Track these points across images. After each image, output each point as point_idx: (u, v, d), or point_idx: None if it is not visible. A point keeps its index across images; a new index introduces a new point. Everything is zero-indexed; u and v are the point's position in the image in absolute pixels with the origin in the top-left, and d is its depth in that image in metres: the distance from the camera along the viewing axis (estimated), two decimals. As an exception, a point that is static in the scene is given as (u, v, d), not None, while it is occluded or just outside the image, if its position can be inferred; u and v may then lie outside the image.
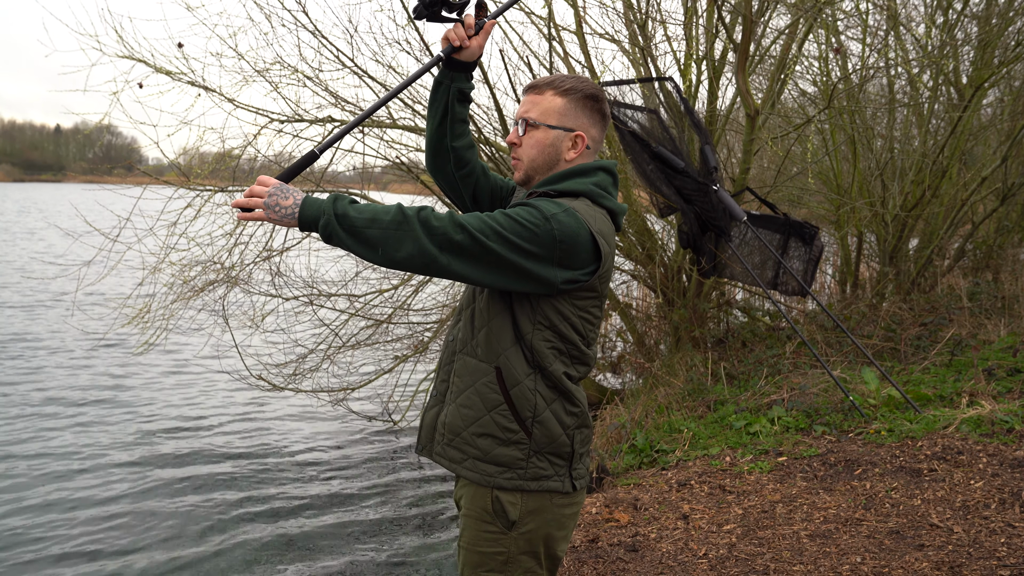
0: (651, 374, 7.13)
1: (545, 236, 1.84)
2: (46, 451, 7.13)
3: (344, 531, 5.83)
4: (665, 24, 7.05)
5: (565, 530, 2.07)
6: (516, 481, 1.98)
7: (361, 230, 1.81)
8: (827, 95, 7.78)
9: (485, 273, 1.85)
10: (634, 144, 5.87)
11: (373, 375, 7.65)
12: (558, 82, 2.08)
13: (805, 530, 3.84)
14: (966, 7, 8.55)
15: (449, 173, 2.28)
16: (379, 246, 1.81)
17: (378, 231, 1.80)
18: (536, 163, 2.08)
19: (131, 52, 6.66)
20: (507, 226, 1.83)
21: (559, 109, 2.06)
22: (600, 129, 2.12)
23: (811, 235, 6.41)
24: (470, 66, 2.20)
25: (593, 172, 2.06)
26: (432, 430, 2.13)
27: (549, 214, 1.86)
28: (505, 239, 1.83)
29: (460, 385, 2.04)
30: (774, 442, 5.09)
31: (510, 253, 1.83)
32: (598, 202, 2.03)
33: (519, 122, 2.10)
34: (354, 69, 6.73)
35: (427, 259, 1.81)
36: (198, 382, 9.61)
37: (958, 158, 8.91)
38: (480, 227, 1.82)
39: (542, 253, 1.85)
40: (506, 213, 1.86)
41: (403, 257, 1.81)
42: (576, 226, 1.87)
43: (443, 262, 1.82)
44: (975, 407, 5.02)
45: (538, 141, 2.07)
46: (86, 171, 21.34)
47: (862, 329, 7.54)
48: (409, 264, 1.83)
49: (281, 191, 1.85)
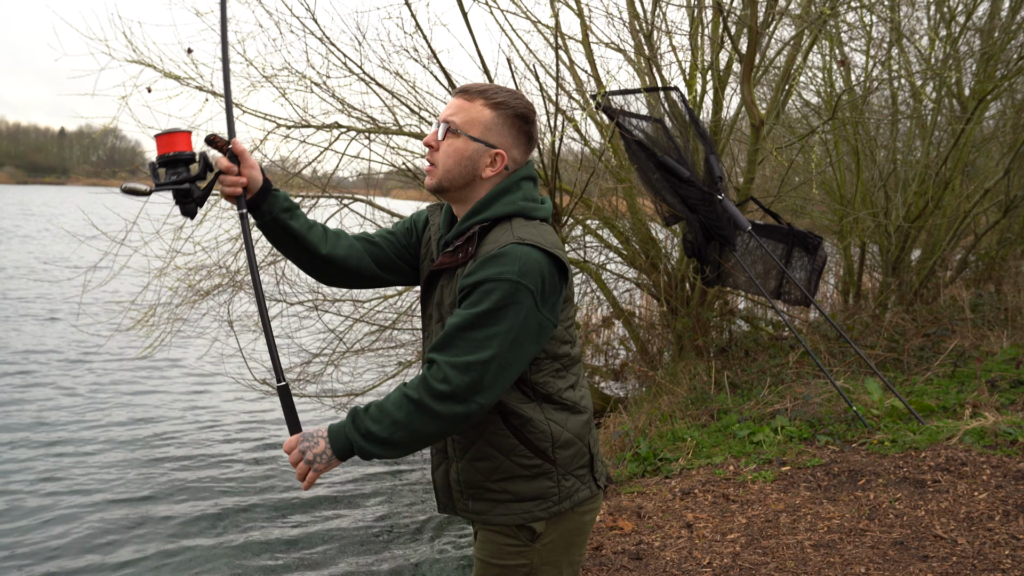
0: (654, 382, 7.14)
1: (524, 300, 1.79)
2: (45, 454, 7.14)
3: (346, 536, 5.84)
4: (671, 34, 7.09)
5: (584, 535, 2.06)
6: (553, 508, 1.96)
7: (389, 439, 1.80)
8: (831, 106, 7.81)
9: (516, 372, 1.83)
10: (640, 153, 5.90)
11: (377, 380, 7.66)
12: (491, 92, 1.96)
13: (809, 540, 3.85)
14: (969, 20, 8.59)
15: (352, 274, 2.15)
16: (411, 442, 1.81)
17: (404, 432, 1.79)
18: (451, 174, 1.96)
19: (140, 56, 6.69)
20: (494, 331, 1.77)
21: (485, 121, 1.95)
22: (523, 151, 2.00)
23: (814, 245, 6.44)
24: (266, 187, 2.05)
25: (517, 187, 1.97)
26: (447, 488, 2.07)
27: (512, 277, 1.78)
28: (503, 340, 1.78)
29: (464, 441, 1.98)
30: (777, 451, 5.10)
31: (517, 345, 1.80)
32: (531, 216, 1.95)
33: (440, 124, 1.97)
34: (362, 76, 6.76)
35: (458, 419, 1.79)
36: (202, 386, 9.63)
37: (961, 170, 8.94)
38: (475, 350, 1.77)
39: (532, 320, 1.81)
40: (485, 314, 1.78)
41: (436, 433, 1.80)
42: (535, 260, 1.81)
43: (475, 407, 1.79)
44: (978, 419, 5.03)
45: (456, 150, 1.95)
46: (90, 174, 21.38)
47: (865, 339, 7.56)
48: (449, 433, 1.83)
49: (308, 442, 1.85)
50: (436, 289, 2.03)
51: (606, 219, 7.51)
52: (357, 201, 7.36)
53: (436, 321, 2.01)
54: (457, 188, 1.98)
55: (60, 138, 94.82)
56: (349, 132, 6.89)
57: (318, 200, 7.12)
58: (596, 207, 7.38)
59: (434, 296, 2.04)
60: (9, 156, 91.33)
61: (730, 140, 7.88)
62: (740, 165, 8.42)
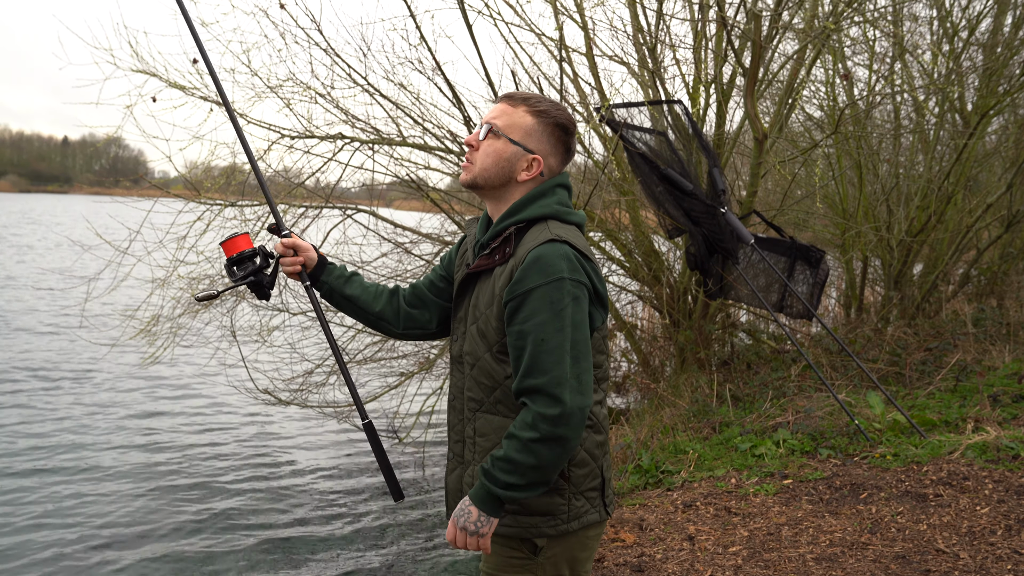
0: (656, 395, 7.14)
1: (581, 293, 1.88)
2: (47, 461, 7.14)
3: (346, 545, 5.83)
4: (675, 48, 7.11)
5: (589, 551, 2.06)
6: (560, 526, 1.97)
7: (530, 483, 1.85)
8: (834, 120, 7.83)
9: (591, 358, 1.91)
10: (643, 166, 5.92)
11: (379, 391, 7.66)
12: (535, 100, 2.05)
13: (811, 553, 3.84)
14: (972, 36, 8.62)
15: (405, 323, 2.29)
16: (552, 471, 1.86)
17: (536, 472, 1.84)
18: (487, 172, 2.03)
19: (145, 66, 6.72)
20: (564, 334, 1.85)
21: (526, 127, 2.02)
22: (560, 161, 2.08)
23: (817, 259, 6.44)
24: (321, 262, 2.27)
25: (552, 191, 2.04)
26: (458, 493, 2.08)
27: (562, 274, 1.86)
28: (575, 336, 1.86)
29: (484, 444, 2.00)
30: (779, 465, 5.09)
31: (584, 333, 1.89)
32: (566, 220, 2.01)
33: (483, 125, 2.05)
34: (366, 87, 6.78)
35: (579, 426, 1.85)
36: (204, 395, 9.63)
37: (963, 184, 8.94)
38: (559, 360, 1.83)
39: (586, 312, 1.91)
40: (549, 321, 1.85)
41: (569, 450, 1.85)
42: (577, 258, 1.90)
43: (586, 405, 1.86)
44: (980, 433, 5.02)
45: (496, 151, 2.02)
46: (93, 183, 21.41)
47: (867, 353, 7.55)
48: (579, 442, 1.88)
49: (462, 517, 1.90)
50: (471, 292, 2.07)
51: (609, 231, 7.52)
52: (360, 212, 7.38)
53: (471, 323, 2.04)
54: (491, 187, 2.05)
55: (63, 147, 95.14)
56: (353, 143, 6.91)
57: (321, 211, 7.14)
58: (599, 219, 7.40)
59: (469, 299, 2.07)
60: (12, 164, 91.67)
61: (733, 153, 7.90)
62: (743, 178, 8.43)
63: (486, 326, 1.98)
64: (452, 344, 2.13)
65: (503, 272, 1.94)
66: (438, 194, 7.39)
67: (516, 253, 1.93)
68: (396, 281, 7.39)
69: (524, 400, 1.86)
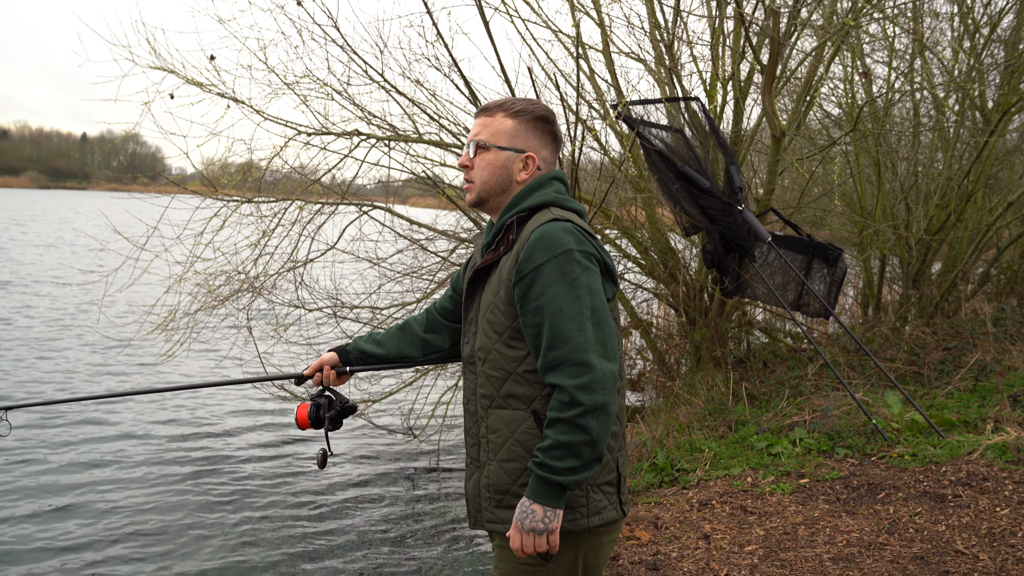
0: (672, 393, 7.11)
1: (590, 263, 1.91)
2: (60, 458, 7.19)
3: (360, 542, 5.84)
4: (692, 45, 7.07)
5: (602, 559, 2.04)
6: (580, 520, 1.94)
7: (588, 460, 1.86)
8: (852, 117, 7.77)
9: (612, 323, 1.93)
10: (660, 163, 5.89)
11: (395, 387, 7.67)
12: (508, 104, 2.10)
13: (828, 553, 3.82)
14: (993, 32, 8.53)
15: (423, 350, 2.39)
16: (598, 452, 1.86)
17: (591, 448, 1.85)
18: (488, 185, 2.08)
19: (163, 63, 6.76)
20: (581, 303, 1.87)
21: (509, 130, 2.07)
22: (551, 150, 2.14)
23: (834, 257, 6.40)
24: (342, 354, 2.40)
25: (548, 183, 2.08)
26: (477, 498, 2.07)
27: (569, 246, 1.89)
28: (592, 303, 1.89)
29: (497, 440, 1.99)
30: (796, 464, 5.06)
31: (601, 300, 1.92)
32: (566, 206, 2.05)
33: (470, 144, 2.09)
34: (382, 84, 6.79)
35: (612, 391, 1.86)
36: (219, 391, 9.67)
37: (983, 183, 8.86)
38: (579, 330, 1.86)
39: (599, 282, 1.94)
40: (563, 292, 1.87)
41: (611, 417, 1.87)
42: (581, 233, 1.94)
43: (615, 368, 1.89)
44: (1000, 433, 4.98)
45: (489, 163, 2.07)
46: (111, 179, 21.64)
47: (885, 352, 7.49)
48: (617, 407, 1.91)
49: (525, 520, 1.88)
50: (480, 291, 2.09)
51: (625, 229, 7.49)
52: (376, 208, 7.39)
53: (481, 318, 2.06)
54: (495, 196, 2.10)
55: (82, 143, 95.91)
56: (369, 139, 6.92)
57: (337, 207, 7.16)
58: (615, 217, 7.37)
59: (478, 298, 2.09)
60: (32, 161, 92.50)
61: (750, 151, 7.85)
62: (760, 176, 8.38)
63: (495, 314, 1.99)
64: (463, 347, 2.14)
65: (508, 258, 1.98)
66: (454, 191, 7.38)
67: (519, 238, 1.98)
68: (412, 278, 7.40)
69: (552, 380, 1.86)
